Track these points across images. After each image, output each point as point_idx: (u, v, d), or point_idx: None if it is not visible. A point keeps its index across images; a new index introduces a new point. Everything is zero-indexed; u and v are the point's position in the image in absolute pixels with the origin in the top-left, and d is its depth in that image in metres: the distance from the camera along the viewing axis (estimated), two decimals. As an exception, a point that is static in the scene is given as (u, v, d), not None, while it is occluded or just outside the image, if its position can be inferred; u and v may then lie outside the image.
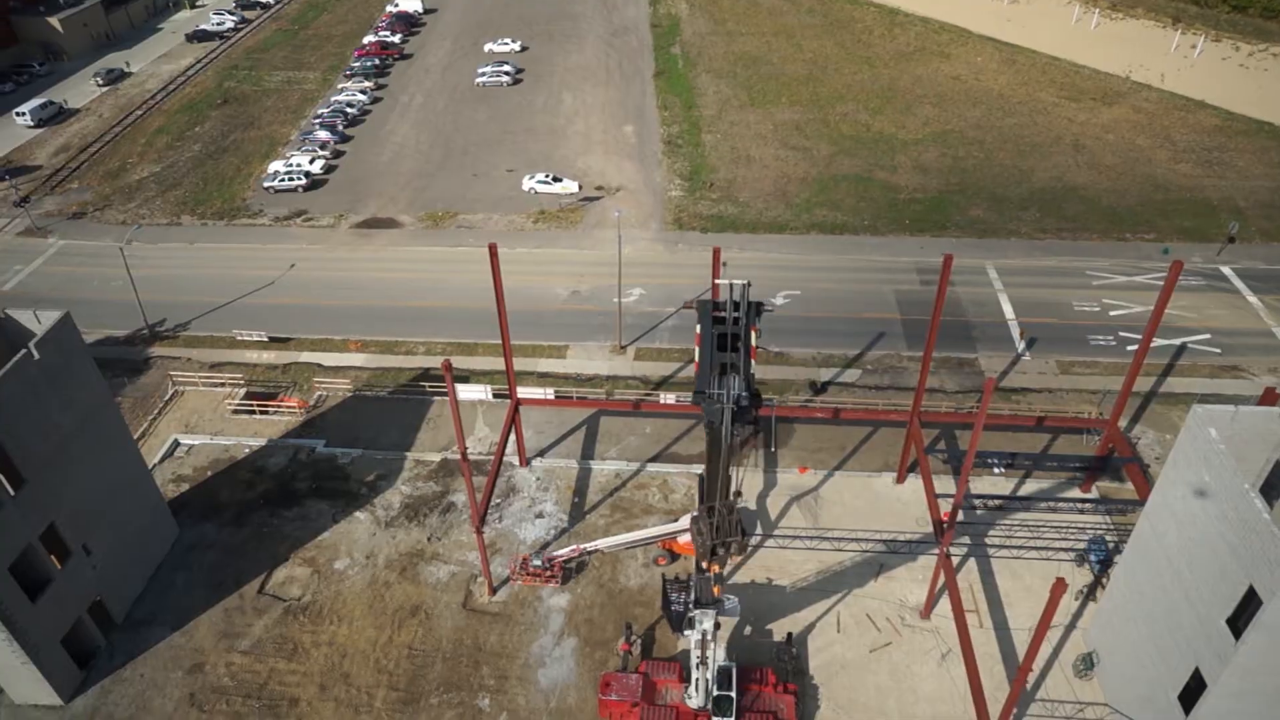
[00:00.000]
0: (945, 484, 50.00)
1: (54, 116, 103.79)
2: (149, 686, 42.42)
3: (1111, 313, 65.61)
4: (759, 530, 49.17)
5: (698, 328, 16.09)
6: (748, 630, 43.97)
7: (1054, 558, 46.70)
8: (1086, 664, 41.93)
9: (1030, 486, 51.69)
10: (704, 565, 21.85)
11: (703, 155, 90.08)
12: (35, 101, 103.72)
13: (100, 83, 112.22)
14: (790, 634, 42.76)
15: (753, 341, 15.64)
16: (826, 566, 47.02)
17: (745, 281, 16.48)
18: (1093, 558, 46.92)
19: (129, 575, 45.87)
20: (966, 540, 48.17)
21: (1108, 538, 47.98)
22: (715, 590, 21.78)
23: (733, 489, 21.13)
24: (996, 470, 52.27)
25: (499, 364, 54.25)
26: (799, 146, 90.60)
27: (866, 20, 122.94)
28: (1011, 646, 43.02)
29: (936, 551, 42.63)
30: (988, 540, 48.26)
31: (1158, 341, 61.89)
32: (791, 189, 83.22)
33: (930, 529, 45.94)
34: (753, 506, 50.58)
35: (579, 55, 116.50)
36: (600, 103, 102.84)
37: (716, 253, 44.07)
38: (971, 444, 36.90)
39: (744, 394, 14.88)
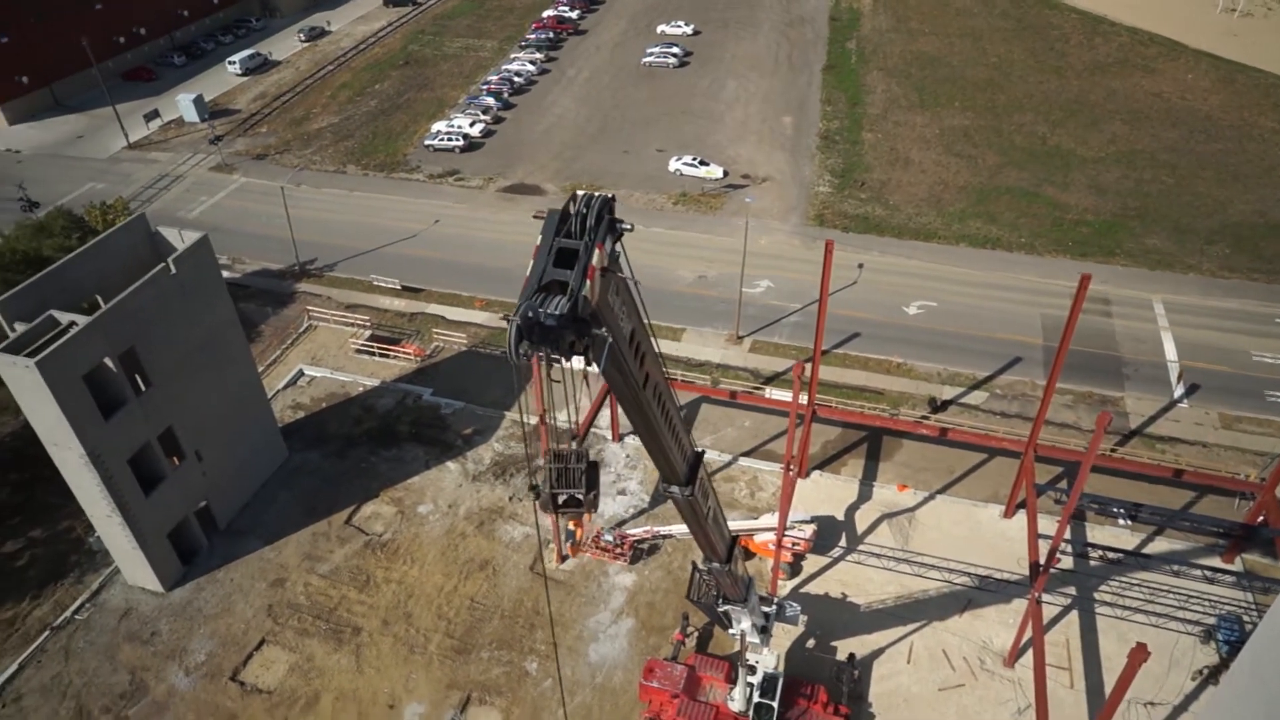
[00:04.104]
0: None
1: (259, 67, 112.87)
2: (235, 591, 45.36)
3: (1298, 369, 57.81)
4: (842, 542, 46.70)
5: (538, 239, 14.55)
6: (810, 643, 41.83)
7: (1168, 627, 41.61)
8: (1191, 752, 37.14)
9: (1159, 545, 46.31)
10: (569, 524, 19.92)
11: (859, 153, 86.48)
12: (245, 52, 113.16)
13: (302, 39, 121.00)
14: (853, 655, 40.34)
15: (596, 260, 13.79)
16: (908, 592, 43.98)
17: (608, 194, 14.75)
18: (1220, 636, 41.48)
19: (236, 486, 49.14)
20: (1072, 591, 43.79)
21: (1245, 617, 42.29)
22: (570, 550, 20.06)
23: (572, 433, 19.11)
24: (1121, 521, 47.16)
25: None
26: (964, 154, 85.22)
27: (1064, 27, 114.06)
28: (1103, 715, 38.65)
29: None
30: (1097, 595, 43.62)
31: (1349, 407, 53.98)
32: (947, 197, 78.42)
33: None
34: (840, 517, 48.11)
35: (750, 43, 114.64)
36: (763, 92, 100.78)
37: (829, 245, 41.77)
38: (1078, 482, 33.27)
39: (545, 312, 12.99)
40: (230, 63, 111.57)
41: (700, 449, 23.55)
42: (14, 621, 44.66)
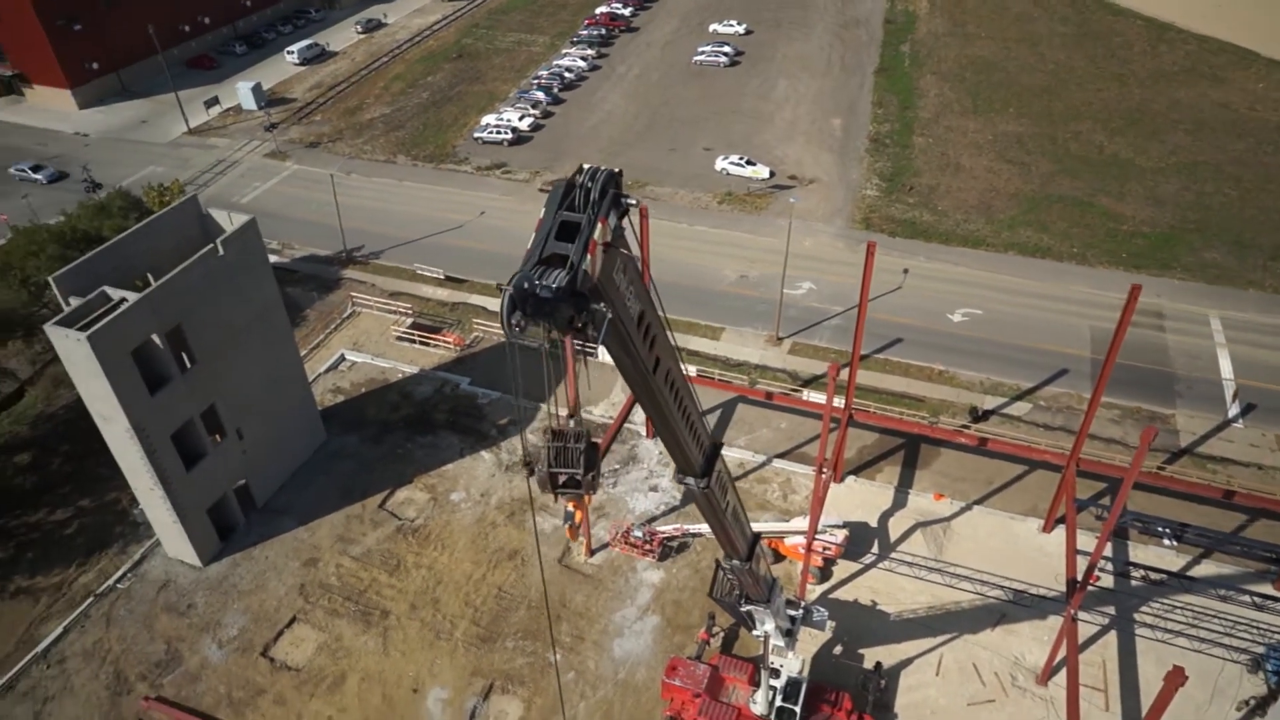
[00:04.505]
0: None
1: (316, 57, 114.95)
2: (269, 569, 46.20)
3: (1363, 392, 55.49)
4: (874, 549, 46.01)
5: (542, 212, 14.26)
6: (837, 649, 41.25)
7: (1212, 653, 40.21)
8: (1230, 783, 35.86)
9: (1206, 568, 44.79)
10: (568, 505, 18.96)
11: (909, 158, 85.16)
12: (303, 42, 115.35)
13: (359, 30, 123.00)
14: (880, 664, 39.68)
15: (598, 236, 13.42)
16: (940, 603, 43.15)
17: (614, 169, 14.39)
18: (1270, 666, 39.96)
19: (274, 466, 50.02)
20: (1111, 610, 42.53)
21: (1296, 648, 40.71)
22: (569, 534, 19.50)
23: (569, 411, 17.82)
24: (1166, 541, 45.73)
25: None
26: (1016, 161, 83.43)
27: (1128, 34, 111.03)
28: (1138, 740, 37.60)
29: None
30: (1137, 616, 42.34)
31: None
32: (998, 204, 76.86)
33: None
34: (873, 523, 47.41)
35: (802, 44, 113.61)
36: (813, 93, 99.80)
37: (871, 247, 41.12)
38: (1119, 498, 32.32)
39: (542, 284, 12.65)
40: (289, 52, 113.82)
41: (719, 442, 23.18)
42: (61, 587, 46.09)
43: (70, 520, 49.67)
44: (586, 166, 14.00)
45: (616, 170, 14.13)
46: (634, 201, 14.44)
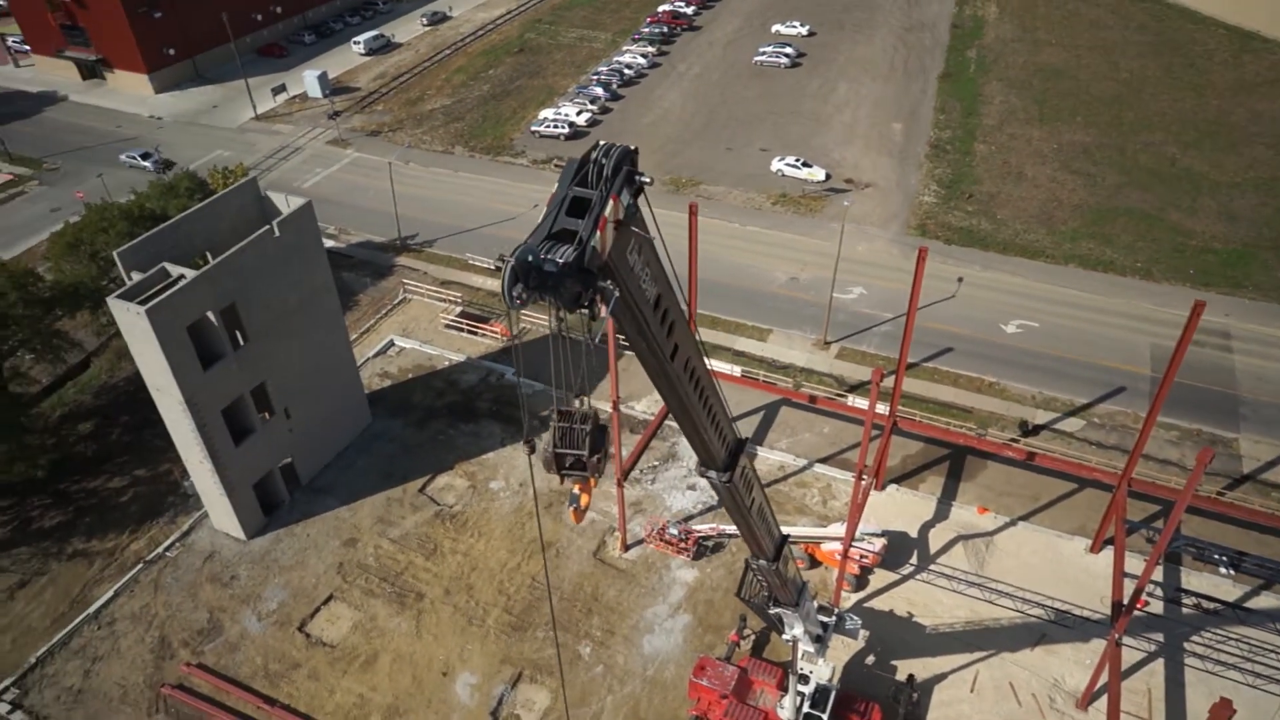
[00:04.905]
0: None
1: (381, 48, 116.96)
2: (310, 546, 47.13)
3: None
4: (913, 560, 45.11)
5: (554, 187, 14.01)
6: (870, 659, 40.56)
7: (1269, 689, 38.53)
8: (1277, 824, 34.33)
9: (1266, 600, 42.91)
10: (575, 487, 18.52)
11: (969, 165, 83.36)
12: (369, 33, 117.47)
13: (425, 23, 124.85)
14: (913, 676, 38.88)
15: (609, 213, 13.08)
16: (979, 618, 42.14)
17: (629, 147, 14.07)
18: (1327, 705, 38.22)
19: (319, 446, 51.00)
20: (1159, 637, 41.07)
21: (1357, 688, 38.83)
22: (574, 517, 19.09)
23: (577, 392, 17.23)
24: (1223, 570, 43.96)
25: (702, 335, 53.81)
26: (1082, 171, 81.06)
27: (1209, 43, 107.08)
28: (1182, 773, 36.23)
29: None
30: (1187, 645, 40.79)
31: None
32: (1060, 215, 74.77)
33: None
34: (913, 534, 46.49)
35: (866, 46, 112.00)
36: (874, 96, 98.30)
37: (922, 253, 40.23)
38: (1170, 520, 31.12)
39: (548, 258, 12.32)
40: (355, 43, 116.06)
41: (744, 438, 22.85)
42: (114, 552, 47.68)
43: (126, 488, 51.33)
44: (602, 143, 13.84)
45: (632, 147, 13.90)
46: (648, 179, 14.24)
